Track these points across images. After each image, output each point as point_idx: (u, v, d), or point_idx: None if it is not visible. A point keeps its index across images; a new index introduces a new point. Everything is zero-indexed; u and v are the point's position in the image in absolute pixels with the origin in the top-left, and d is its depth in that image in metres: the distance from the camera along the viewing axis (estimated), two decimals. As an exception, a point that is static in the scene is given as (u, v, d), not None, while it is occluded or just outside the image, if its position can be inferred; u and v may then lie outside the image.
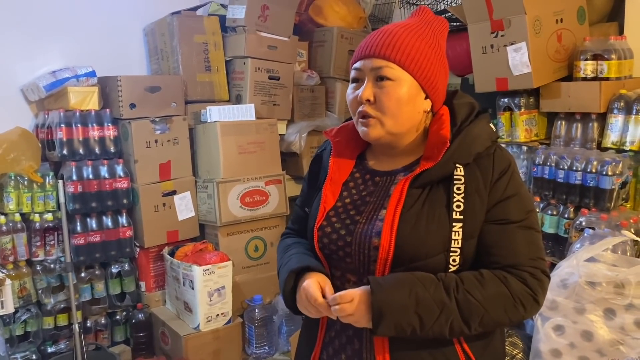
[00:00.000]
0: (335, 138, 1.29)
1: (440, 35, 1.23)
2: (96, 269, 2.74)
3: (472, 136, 1.15)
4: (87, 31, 2.94)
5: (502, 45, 2.44)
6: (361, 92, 1.17)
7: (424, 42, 1.18)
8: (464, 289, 1.09)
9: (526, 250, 1.14)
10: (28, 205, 2.56)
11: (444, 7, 3.25)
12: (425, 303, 1.08)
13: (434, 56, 1.18)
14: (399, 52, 1.15)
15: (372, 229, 1.15)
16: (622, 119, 2.28)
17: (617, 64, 2.34)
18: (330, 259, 1.21)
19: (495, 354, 1.22)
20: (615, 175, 2.15)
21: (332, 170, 1.26)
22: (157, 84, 2.84)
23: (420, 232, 1.11)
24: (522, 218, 1.14)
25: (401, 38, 1.16)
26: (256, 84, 3.03)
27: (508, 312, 1.12)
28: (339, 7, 3.39)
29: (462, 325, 1.09)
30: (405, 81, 1.16)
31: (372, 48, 1.17)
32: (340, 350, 1.22)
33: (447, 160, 1.13)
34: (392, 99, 1.15)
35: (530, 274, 1.12)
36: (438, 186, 1.14)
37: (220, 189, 2.81)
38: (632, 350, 1.76)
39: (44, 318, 2.62)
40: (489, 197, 1.13)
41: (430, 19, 1.23)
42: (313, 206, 1.28)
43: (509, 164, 1.16)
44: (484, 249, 1.14)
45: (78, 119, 2.64)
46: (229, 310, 2.71)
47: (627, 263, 1.87)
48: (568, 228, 2.29)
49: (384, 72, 1.15)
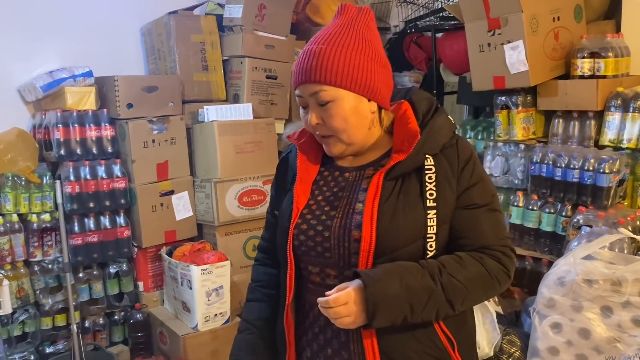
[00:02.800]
0: (299, 140, 1.33)
1: (367, 29, 1.23)
2: (94, 269, 2.74)
3: (437, 128, 1.22)
4: (83, 31, 2.94)
5: (499, 44, 2.44)
6: (309, 120, 1.22)
7: (350, 50, 1.18)
8: (447, 272, 1.16)
9: (494, 232, 1.23)
10: (25, 205, 2.55)
11: (440, 5, 3.25)
12: (415, 291, 1.13)
13: (364, 60, 1.19)
14: (328, 72, 1.17)
15: (350, 223, 1.19)
16: (619, 116, 2.28)
17: (614, 61, 2.35)
18: (308, 256, 1.24)
19: (468, 332, 1.30)
20: (612, 173, 2.15)
21: (301, 170, 1.29)
22: (155, 83, 2.84)
23: (398, 222, 1.17)
24: (488, 202, 1.23)
25: (327, 57, 1.17)
26: (254, 83, 3.02)
27: (486, 290, 1.22)
28: (336, 6, 3.36)
29: (447, 307, 1.16)
30: (343, 97, 1.19)
31: (303, 74, 1.20)
32: (326, 345, 1.24)
33: (417, 152, 1.19)
34: (337, 118, 1.20)
35: (502, 252, 1.22)
36: (410, 177, 1.20)
37: (218, 188, 2.80)
38: (629, 347, 1.76)
39: (42, 318, 2.62)
40: (457, 185, 1.21)
41: (353, 16, 1.23)
42: (283, 207, 1.31)
43: (471, 153, 1.24)
44: (456, 233, 1.22)
45: (75, 119, 2.64)
46: (227, 310, 2.70)
47: (624, 261, 1.87)
48: (565, 226, 2.29)
49: (321, 97, 1.19)
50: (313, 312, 1.25)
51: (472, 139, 2.93)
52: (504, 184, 2.60)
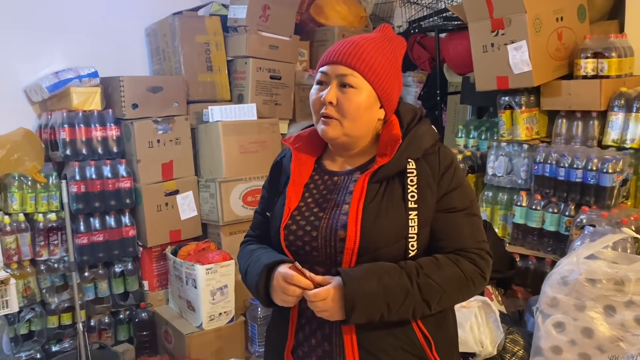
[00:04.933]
0: (294, 145, 1.40)
1: (399, 52, 1.36)
2: (99, 269, 2.76)
3: (419, 134, 1.31)
4: (88, 32, 2.96)
5: (502, 44, 2.44)
6: (325, 94, 1.28)
7: (385, 57, 1.30)
8: (423, 273, 1.21)
9: (472, 235, 1.29)
10: (32, 205, 2.57)
11: (444, 5, 3.26)
12: (392, 290, 1.19)
13: (392, 71, 1.31)
14: (363, 63, 1.27)
15: (336, 223, 1.26)
16: (622, 116, 2.29)
17: (617, 62, 2.35)
18: (297, 255, 1.30)
19: (448, 332, 1.35)
20: (615, 172, 2.16)
21: (294, 173, 1.36)
22: (159, 84, 2.85)
23: (381, 222, 1.23)
24: (467, 206, 1.29)
25: (366, 51, 1.28)
26: (258, 83, 3.04)
27: (462, 290, 1.27)
28: (340, 7, 3.40)
29: (423, 307, 1.22)
30: (366, 90, 1.28)
31: (339, 56, 1.28)
32: (311, 336, 1.31)
33: (400, 156, 1.27)
34: (353, 104, 1.27)
35: (478, 255, 1.27)
36: (393, 180, 1.27)
37: (223, 188, 2.82)
38: (632, 346, 1.77)
39: (48, 317, 2.64)
40: (437, 189, 1.27)
41: (391, 37, 1.35)
42: (276, 208, 1.37)
43: (452, 159, 1.31)
44: (436, 235, 1.28)
45: (81, 119, 2.66)
46: (232, 309, 2.72)
47: (627, 260, 1.88)
48: (569, 226, 2.30)
49: (348, 80, 1.27)
50: (302, 306, 1.31)
51: (476, 139, 2.94)
52: (507, 184, 2.61)
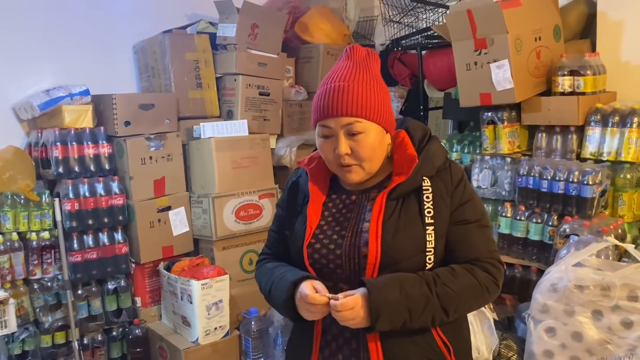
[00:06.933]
0: (309, 166, 1.45)
1: (375, 68, 1.38)
2: (93, 286, 2.75)
3: (432, 153, 1.37)
4: (76, 50, 2.96)
5: (485, 63, 2.55)
6: (339, 149, 1.32)
7: (372, 88, 1.33)
8: (441, 282, 1.28)
9: (484, 245, 1.36)
10: (25, 224, 2.56)
11: (425, 25, 3.38)
12: (414, 298, 1.26)
13: (382, 96, 1.34)
14: (362, 107, 1.30)
15: (359, 241, 1.32)
16: (599, 131, 2.42)
17: (592, 79, 2.49)
18: (321, 273, 1.35)
19: (464, 339, 1.43)
20: (595, 184, 2.29)
21: (312, 192, 1.41)
22: (151, 101, 2.88)
23: (400, 238, 1.30)
24: (478, 218, 1.37)
25: (359, 92, 1.31)
26: (247, 100, 3.09)
27: (477, 298, 1.34)
28: (324, 25, 3.49)
29: (442, 314, 1.29)
30: (373, 129, 1.33)
31: (338, 109, 1.30)
32: (337, 352, 1.36)
33: (415, 174, 1.33)
34: (367, 148, 1.32)
35: (491, 264, 1.35)
36: (409, 197, 1.34)
37: (216, 203, 2.86)
38: (619, 348, 1.89)
39: (42, 336, 2.62)
40: (451, 203, 1.34)
41: (363, 57, 1.36)
42: (297, 228, 1.42)
43: (462, 174, 1.38)
44: (450, 247, 1.35)
45: (73, 137, 2.66)
46: (227, 324, 2.75)
47: (611, 267, 2.00)
48: (552, 235, 2.42)
49: (355, 128, 1.31)
50: (325, 322, 1.36)
51: (459, 153, 3.04)
52: (492, 196, 2.72)
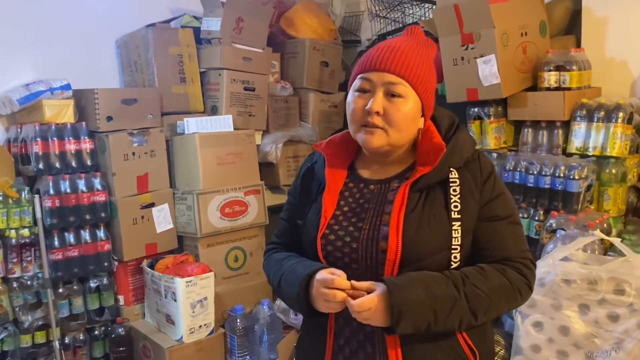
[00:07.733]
0: (327, 151, 1.35)
1: (432, 52, 1.33)
2: (74, 284, 2.69)
3: (460, 143, 1.27)
4: (57, 43, 2.90)
5: (472, 58, 2.55)
6: (372, 103, 1.22)
7: (426, 65, 1.26)
8: (470, 282, 1.18)
9: (516, 244, 1.27)
10: (3, 221, 2.49)
11: (412, 20, 3.37)
12: (440, 299, 1.15)
13: (433, 79, 1.29)
14: (412, 72, 1.23)
15: (378, 234, 1.22)
16: (584, 126, 2.43)
17: (578, 74, 2.50)
18: (335, 266, 1.24)
19: (489, 343, 1.35)
20: (581, 179, 2.30)
21: (329, 180, 1.31)
22: (134, 96, 2.83)
23: (424, 232, 1.20)
24: (509, 215, 1.27)
25: (412, 58, 1.24)
26: (232, 95, 3.05)
27: (509, 301, 1.24)
28: (310, 19, 3.45)
29: (470, 317, 1.18)
30: (413, 99, 1.24)
31: (386, 63, 1.23)
32: (352, 357, 1.27)
33: (442, 165, 1.23)
34: (401, 114, 1.23)
35: (523, 264, 1.25)
36: (434, 189, 1.23)
37: (200, 200, 2.81)
38: (606, 342, 1.89)
39: (22, 336, 2.56)
40: (480, 197, 1.24)
41: (424, 40, 1.31)
42: (310, 217, 1.33)
43: (492, 167, 1.29)
44: (479, 245, 1.25)
45: (54, 132, 2.60)
46: (212, 321, 2.71)
47: (597, 261, 2.01)
48: (539, 230, 2.42)
49: (397, 89, 1.23)
50: (338, 323, 1.28)
51: (445, 148, 3.04)
52: (478, 191, 2.72)
